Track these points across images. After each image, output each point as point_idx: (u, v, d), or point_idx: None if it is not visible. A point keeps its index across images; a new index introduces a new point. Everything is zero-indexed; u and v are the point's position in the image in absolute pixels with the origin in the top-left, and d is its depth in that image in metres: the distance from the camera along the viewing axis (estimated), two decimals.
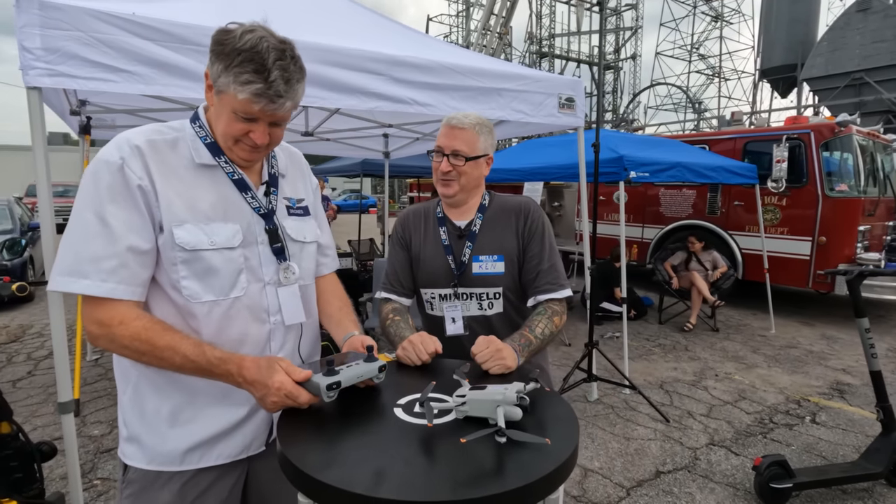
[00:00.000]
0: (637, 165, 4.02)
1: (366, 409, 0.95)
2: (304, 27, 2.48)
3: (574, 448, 0.79)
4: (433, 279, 1.44)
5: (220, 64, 0.92)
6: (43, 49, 1.77)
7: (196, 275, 0.99)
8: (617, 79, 33.13)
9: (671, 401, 3.66)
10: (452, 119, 1.37)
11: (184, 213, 0.97)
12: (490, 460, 0.76)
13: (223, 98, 0.95)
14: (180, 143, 1.01)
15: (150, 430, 1.03)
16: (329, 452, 0.77)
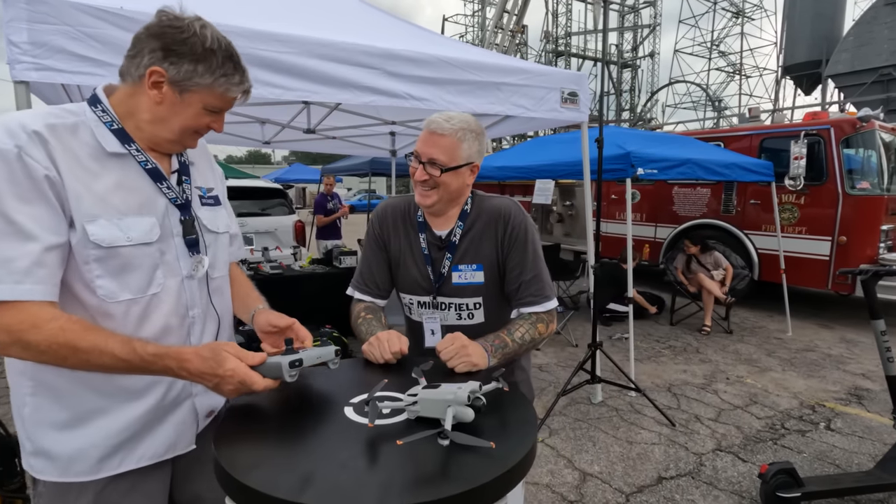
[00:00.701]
0: (645, 162, 3.91)
1: (314, 407, 0.90)
2: (296, 21, 2.45)
3: (526, 454, 0.74)
4: (412, 286, 1.37)
5: (191, 63, 0.91)
6: (30, 43, 1.77)
7: (111, 273, 0.92)
8: (634, 77, 32.68)
9: (678, 404, 3.55)
10: (432, 123, 1.23)
11: (95, 208, 0.90)
12: (431, 465, 0.71)
13: (191, 96, 0.94)
14: (81, 129, 0.91)
15: (57, 440, 0.94)
16: (261, 452, 0.73)
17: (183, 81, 0.92)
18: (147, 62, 0.91)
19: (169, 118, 0.96)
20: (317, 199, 6.88)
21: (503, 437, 0.79)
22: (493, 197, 1.38)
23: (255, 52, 2.17)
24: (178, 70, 0.91)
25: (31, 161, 0.84)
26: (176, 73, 0.91)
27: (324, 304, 4.68)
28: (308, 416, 0.86)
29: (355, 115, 4.24)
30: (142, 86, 0.93)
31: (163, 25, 0.91)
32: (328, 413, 0.87)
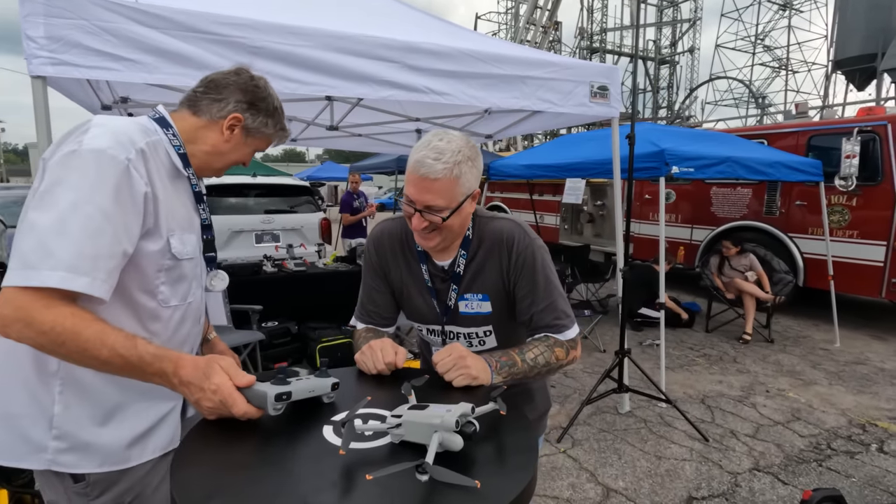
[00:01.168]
0: (680, 160, 3.70)
1: (290, 424, 0.82)
2: (314, 13, 2.40)
3: (520, 494, 0.63)
4: (419, 316, 1.29)
5: (267, 118, 1.14)
6: (46, 38, 1.77)
7: (171, 281, 1.04)
8: (673, 73, 31.65)
9: (713, 417, 3.34)
10: (422, 166, 1.04)
11: (173, 222, 1.02)
12: (407, 503, 0.61)
13: (252, 140, 1.14)
14: (159, 148, 1.02)
15: (92, 434, 0.98)
16: (219, 479, 0.65)
17: (253, 128, 1.12)
18: (232, 109, 1.09)
19: (227, 154, 1.13)
20: (343, 197, 6.89)
21: (495, 470, 0.68)
22: (495, 218, 1.22)
23: (272, 46, 2.13)
24: (254, 120, 1.12)
25: (136, 176, 0.93)
26: (252, 121, 1.12)
27: (346, 301, 4.66)
28: (281, 435, 0.78)
29: (378, 111, 4.18)
30: (217, 124, 1.09)
31: (249, 84, 1.12)
32: (304, 432, 0.79)
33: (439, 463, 0.65)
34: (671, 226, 7.09)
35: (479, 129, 4.63)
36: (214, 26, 2.01)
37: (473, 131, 4.69)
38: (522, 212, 9.88)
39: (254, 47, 2.10)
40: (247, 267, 4.37)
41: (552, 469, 2.69)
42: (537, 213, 9.36)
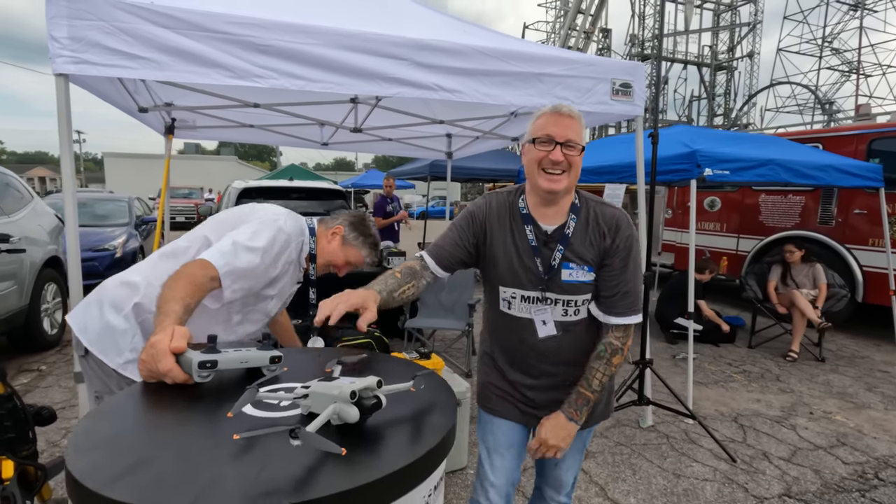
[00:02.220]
0: (714, 162, 3.50)
1: (216, 393, 0.81)
2: (324, 11, 2.45)
3: (392, 473, 0.59)
4: (517, 279, 1.34)
5: (362, 236, 1.70)
6: (69, 38, 1.90)
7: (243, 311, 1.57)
8: (730, 80, 30.23)
9: (744, 437, 3.10)
10: (561, 107, 1.26)
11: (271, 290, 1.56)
12: (277, 467, 0.58)
13: (348, 250, 1.68)
14: (302, 246, 1.59)
15: None
16: (115, 438, 0.65)
17: (349, 241, 1.67)
18: (340, 223, 1.69)
19: (330, 254, 1.65)
20: (377, 201, 7.00)
21: (388, 446, 0.65)
22: (605, 203, 1.36)
23: (280, 44, 2.19)
24: (350, 232, 1.67)
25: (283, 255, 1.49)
26: (349, 234, 1.67)
27: None
28: (202, 403, 0.77)
29: (403, 113, 4.22)
30: (327, 234, 1.66)
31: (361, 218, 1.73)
32: (224, 402, 0.78)
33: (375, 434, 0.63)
34: (716, 235, 6.72)
35: (505, 131, 4.58)
36: (225, 25, 2.09)
37: (500, 134, 4.65)
38: None
39: (263, 46, 2.17)
40: None
41: None
42: None
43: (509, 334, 1.40)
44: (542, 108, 1.29)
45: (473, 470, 2.64)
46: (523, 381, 1.41)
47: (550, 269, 1.30)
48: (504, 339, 1.42)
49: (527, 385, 1.41)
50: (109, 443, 0.63)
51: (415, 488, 0.65)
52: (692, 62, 29.91)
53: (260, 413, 0.74)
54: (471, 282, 4.42)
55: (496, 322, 1.43)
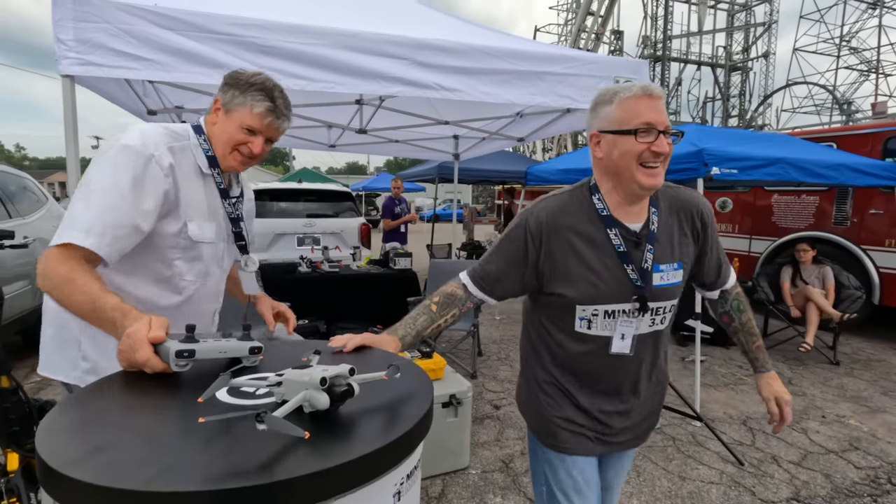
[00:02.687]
0: (722, 160, 3.45)
1: (194, 381, 0.82)
2: (326, 12, 2.48)
3: (367, 454, 0.59)
4: (600, 294, 1.13)
5: (236, 90, 1.23)
6: (75, 40, 1.94)
7: (187, 259, 1.26)
8: (745, 80, 29.83)
9: (753, 440, 3.04)
10: (651, 88, 1.08)
11: (191, 211, 1.23)
12: (243, 450, 0.59)
13: (233, 115, 1.23)
14: (187, 151, 1.24)
15: (111, 362, 1.05)
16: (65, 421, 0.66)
17: (228, 104, 1.24)
18: (216, 95, 1.27)
19: (219, 135, 1.26)
20: (385, 202, 7.02)
21: (359, 433, 0.65)
22: (677, 186, 1.25)
23: (282, 45, 2.21)
24: (224, 95, 1.25)
25: (157, 168, 1.15)
26: (225, 98, 1.24)
27: (376, 303, 4.72)
28: (178, 391, 0.78)
29: (408, 114, 4.24)
30: (210, 117, 1.28)
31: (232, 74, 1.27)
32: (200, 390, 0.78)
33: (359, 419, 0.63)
34: (727, 236, 6.62)
35: (511, 132, 4.57)
36: (227, 27, 2.12)
37: (506, 134, 4.64)
38: None
39: (265, 46, 2.19)
40: (281, 266, 4.54)
41: None
42: None
43: (586, 356, 1.20)
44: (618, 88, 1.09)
45: (475, 471, 2.63)
46: (602, 407, 1.23)
47: (644, 274, 1.13)
48: (578, 363, 1.21)
49: (605, 410, 1.23)
50: (78, 427, 0.64)
51: (384, 475, 0.65)
52: (706, 63, 29.60)
53: (234, 400, 0.75)
54: None
55: (567, 346, 1.21)
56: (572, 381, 1.23)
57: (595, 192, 1.16)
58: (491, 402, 3.53)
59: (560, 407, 1.25)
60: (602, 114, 1.10)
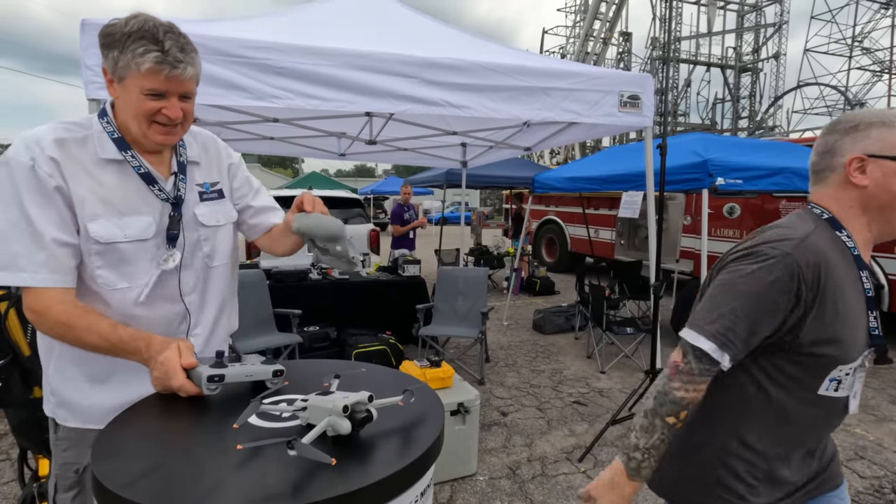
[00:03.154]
0: (727, 171, 3.49)
1: (224, 404, 0.89)
2: (338, 33, 2.56)
3: (387, 477, 0.66)
4: (857, 348, 0.94)
5: (114, 51, 0.97)
6: (101, 66, 2.04)
7: (110, 265, 1.05)
8: (755, 82, 29.63)
9: None
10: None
11: (96, 208, 1.02)
12: (276, 474, 0.66)
13: (127, 82, 0.98)
14: (89, 141, 1.04)
15: (77, 394, 1.10)
16: (136, 443, 0.73)
17: (115, 71, 0.98)
18: (102, 64, 1.01)
19: (125, 111, 1.02)
20: (394, 208, 7.10)
21: (376, 459, 0.72)
22: None
23: (295, 66, 2.30)
24: (109, 61, 0.98)
25: (42, 172, 0.97)
26: (109, 65, 0.99)
27: (385, 310, 4.80)
28: (210, 413, 0.86)
29: (417, 125, 4.31)
30: (108, 89, 1.03)
31: (101, 31, 0.98)
32: (230, 412, 0.86)
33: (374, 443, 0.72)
34: (735, 242, 6.62)
35: (518, 141, 4.64)
36: (243, 50, 2.21)
37: (513, 144, 4.70)
38: (577, 225, 9.66)
39: (279, 68, 2.28)
40: (293, 274, 4.63)
41: (567, 488, 2.60)
42: (592, 228, 9.11)
43: (814, 421, 0.99)
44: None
45: (483, 477, 2.69)
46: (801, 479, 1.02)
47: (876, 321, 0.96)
48: (798, 431, 0.99)
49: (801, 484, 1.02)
50: (128, 449, 0.71)
51: (402, 494, 0.72)
52: (715, 64, 29.44)
53: (263, 423, 0.82)
54: (483, 290, 4.48)
55: (795, 413, 0.97)
56: (780, 454, 0.99)
57: (839, 228, 0.96)
58: (498, 409, 3.59)
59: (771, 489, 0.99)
60: (877, 136, 0.92)
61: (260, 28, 2.45)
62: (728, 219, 6.79)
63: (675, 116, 28.55)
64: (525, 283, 8.29)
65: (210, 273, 1.21)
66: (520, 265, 8.03)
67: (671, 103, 27.90)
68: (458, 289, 4.51)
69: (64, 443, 1.14)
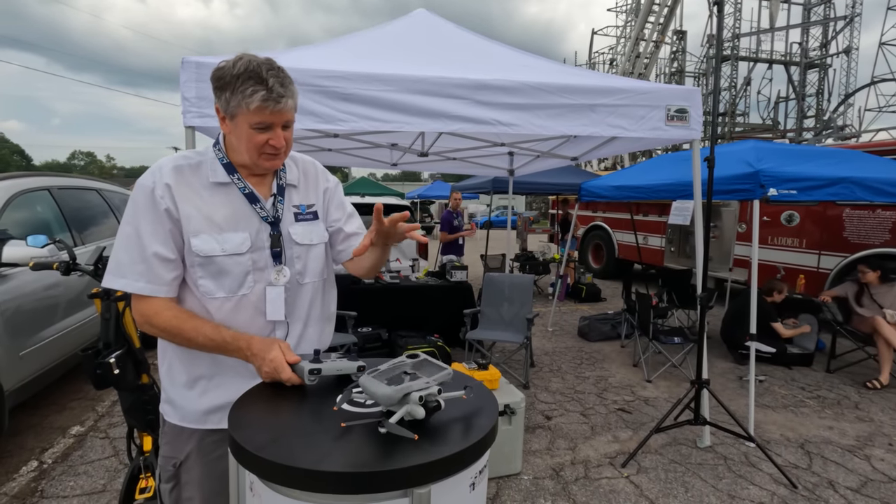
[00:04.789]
0: (780, 181, 3.45)
1: (317, 394, 1.10)
2: (399, 59, 2.78)
3: (454, 454, 0.84)
4: None
5: (226, 92, 1.12)
6: (197, 97, 2.35)
7: (210, 275, 1.20)
8: (823, 78, 27.87)
9: (810, 464, 3.03)
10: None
11: (200, 225, 1.18)
12: (369, 446, 0.85)
13: (238, 120, 1.14)
14: (202, 166, 1.22)
15: (178, 394, 1.28)
16: (262, 419, 0.95)
17: (227, 110, 1.14)
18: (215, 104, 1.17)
19: (238, 145, 1.19)
20: (443, 215, 7.31)
21: (448, 436, 0.90)
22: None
23: (360, 92, 2.53)
24: (222, 102, 1.14)
25: (157, 195, 1.17)
26: (222, 105, 1.14)
27: (433, 314, 5.00)
28: (310, 399, 1.06)
29: (466, 137, 4.50)
30: (221, 125, 1.20)
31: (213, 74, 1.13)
32: (326, 398, 1.06)
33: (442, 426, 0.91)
34: (793, 251, 6.39)
35: (564, 151, 4.73)
36: (314, 79, 2.47)
37: (559, 154, 4.80)
38: (625, 232, 9.54)
39: (346, 94, 2.52)
40: (347, 277, 4.91)
41: (610, 492, 2.69)
42: (641, 234, 8.98)
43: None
44: None
45: (528, 476, 2.82)
46: None
47: None
48: None
49: None
50: (253, 423, 0.93)
51: (465, 469, 0.89)
52: (778, 61, 27.96)
53: (353, 409, 1.02)
54: (529, 296, 4.59)
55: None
56: None
57: None
58: (543, 413, 3.70)
59: None
60: None
61: (328, 56, 2.71)
62: (786, 226, 6.56)
63: (734, 117, 27.31)
64: (571, 289, 8.29)
65: (300, 290, 1.31)
66: (566, 271, 8.05)
67: (728, 103, 26.72)
68: (504, 294, 4.65)
69: (165, 437, 1.34)
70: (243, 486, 0.92)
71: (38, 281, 3.16)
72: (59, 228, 3.72)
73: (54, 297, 3.34)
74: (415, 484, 0.81)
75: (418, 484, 0.81)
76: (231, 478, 0.95)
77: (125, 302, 2.04)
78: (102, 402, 3.73)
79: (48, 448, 3.05)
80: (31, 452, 3.00)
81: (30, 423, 3.37)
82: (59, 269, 2.11)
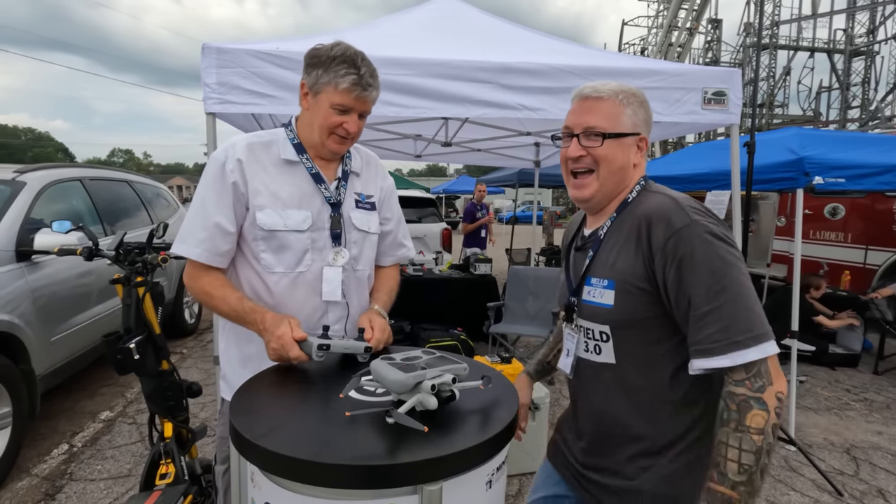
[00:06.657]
0: (826, 169, 3.23)
1: (323, 380, 1.04)
2: (419, 43, 2.71)
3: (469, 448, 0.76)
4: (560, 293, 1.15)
5: (319, 69, 1.18)
6: (217, 83, 2.33)
7: (272, 249, 1.24)
8: (870, 66, 26.45)
9: (857, 471, 2.83)
10: (585, 89, 1.02)
11: (266, 200, 1.22)
12: (375, 437, 0.78)
13: (321, 97, 1.19)
14: (273, 146, 1.26)
15: (233, 372, 1.31)
16: (263, 405, 0.89)
17: (314, 86, 1.20)
18: (301, 79, 1.24)
19: (312, 121, 1.23)
20: (467, 207, 7.23)
21: (463, 429, 0.82)
22: (660, 192, 0.99)
23: (383, 77, 2.46)
24: (309, 77, 1.21)
25: (227, 169, 1.21)
26: (310, 80, 1.20)
27: (457, 307, 4.93)
28: (317, 385, 1.01)
29: (491, 127, 4.39)
30: (302, 100, 1.25)
31: (310, 52, 1.21)
32: (332, 385, 1.00)
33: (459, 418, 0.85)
34: (838, 246, 6.05)
35: None
36: None
37: None
38: None
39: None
40: None
41: None
42: None
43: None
44: None
45: None
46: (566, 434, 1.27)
47: (578, 285, 1.05)
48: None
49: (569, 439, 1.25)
50: (255, 410, 0.87)
51: (481, 466, 0.81)
52: (820, 49, 26.68)
53: (361, 397, 0.95)
54: (555, 290, 4.46)
55: None
56: None
57: None
58: None
59: None
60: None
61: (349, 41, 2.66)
62: (830, 220, 6.22)
63: (772, 108, 26.22)
64: None
65: (353, 276, 1.32)
66: None
67: (766, 93, 25.67)
68: (529, 288, 4.54)
69: (223, 417, 1.35)
70: (245, 476, 0.87)
71: (71, 269, 3.23)
72: (91, 219, 3.80)
73: (86, 284, 3.41)
74: (425, 480, 0.74)
75: (428, 480, 0.74)
76: (232, 467, 0.90)
77: (145, 288, 2.04)
78: (132, 389, 3.81)
79: (78, 432, 3.12)
80: (62, 436, 3.07)
81: (62, 408, 3.46)
82: (83, 254, 2.12)
